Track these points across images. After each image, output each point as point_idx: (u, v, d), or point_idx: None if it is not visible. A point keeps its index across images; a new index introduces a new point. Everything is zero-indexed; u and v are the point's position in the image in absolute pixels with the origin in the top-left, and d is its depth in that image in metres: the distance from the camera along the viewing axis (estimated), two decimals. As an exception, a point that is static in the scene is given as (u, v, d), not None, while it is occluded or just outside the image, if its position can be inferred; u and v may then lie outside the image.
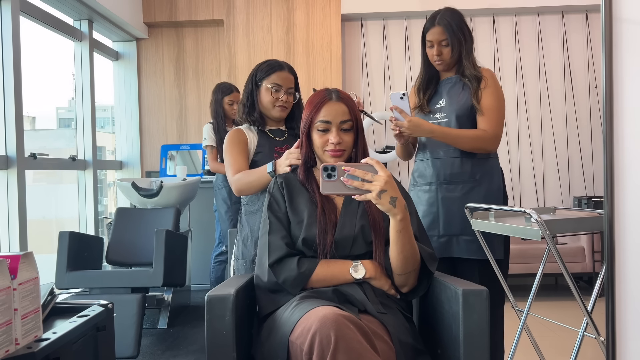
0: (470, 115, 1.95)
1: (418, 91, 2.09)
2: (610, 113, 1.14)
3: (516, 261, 4.07)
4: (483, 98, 1.93)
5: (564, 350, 2.72)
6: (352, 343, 1.01)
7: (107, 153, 4.66)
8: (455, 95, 1.98)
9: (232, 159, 1.85)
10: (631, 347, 0.99)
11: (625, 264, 0.99)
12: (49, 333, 0.99)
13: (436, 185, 1.98)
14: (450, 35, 1.93)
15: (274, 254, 1.35)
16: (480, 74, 1.95)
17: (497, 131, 1.95)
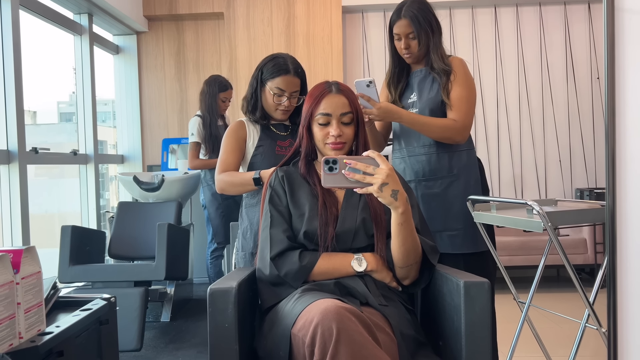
0: (442, 109, 1.92)
1: (389, 85, 2.05)
2: (612, 104, 1.14)
3: (517, 253, 4.07)
4: (452, 90, 1.89)
5: (566, 342, 2.73)
6: (354, 335, 1.01)
7: (109, 147, 4.66)
8: (426, 90, 1.95)
9: (224, 155, 1.86)
10: (632, 338, 0.99)
11: (627, 255, 0.99)
12: (52, 327, 1.00)
13: (415, 183, 1.96)
14: (416, 28, 1.88)
15: (275, 248, 1.35)
16: (449, 67, 1.90)
17: (467, 121, 1.91)
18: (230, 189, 1.82)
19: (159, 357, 2.60)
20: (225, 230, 3.36)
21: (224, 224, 3.33)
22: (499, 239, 4.06)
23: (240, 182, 1.78)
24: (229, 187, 1.81)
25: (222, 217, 3.33)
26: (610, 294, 1.02)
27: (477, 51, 4.39)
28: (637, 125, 1.06)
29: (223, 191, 1.83)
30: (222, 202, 3.30)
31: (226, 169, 1.84)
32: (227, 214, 3.32)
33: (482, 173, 2.08)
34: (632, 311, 0.99)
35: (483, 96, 4.38)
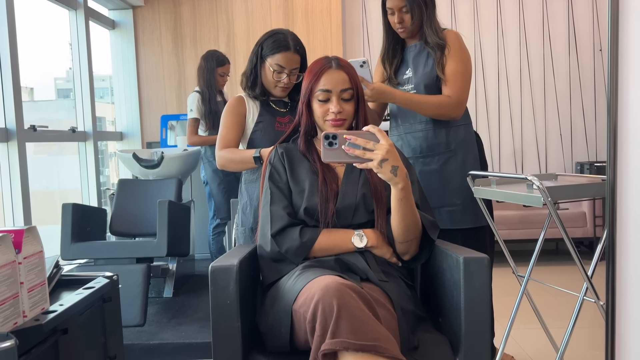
0: (437, 84, 1.90)
1: (383, 62, 2.03)
2: (615, 76, 1.12)
3: (517, 227, 4.09)
4: (447, 65, 1.86)
5: (564, 314, 2.76)
6: (355, 311, 1.02)
7: (107, 124, 4.64)
8: (421, 65, 1.93)
9: (224, 131, 1.85)
10: (630, 311, 1.00)
11: (626, 229, 1.00)
12: (55, 305, 1.01)
13: (413, 160, 1.96)
14: (409, 1, 1.84)
15: (276, 224, 1.36)
16: (443, 41, 1.87)
17: (461, 97, 1.89)
18: (231, 166, 1.82)
19: (162, 332, 2.63)
20: (228, 206, 3.37)
21: (226, 199, 3.34)
22: (499, 213, 4.07)
23: (241, 159, 1.78)
24: (229, 163, 1.81)
25: (224, 193, 3.34)
26: (609, 267, 1.03)
27: (478, 22, 4.33)
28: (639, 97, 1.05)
29: (224, 167, 1.84)
30: (224, 178, 3.30)
31: (226, 145, 1.83)
32: (229, 190, 3.33)
33: (480, 148, 2.08)
34: (630, 284, 1.00)
35: (484, 68, 4.34)
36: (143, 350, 2.49)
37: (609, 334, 1.01)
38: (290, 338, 1.19)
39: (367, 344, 0.99)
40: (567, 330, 1.76)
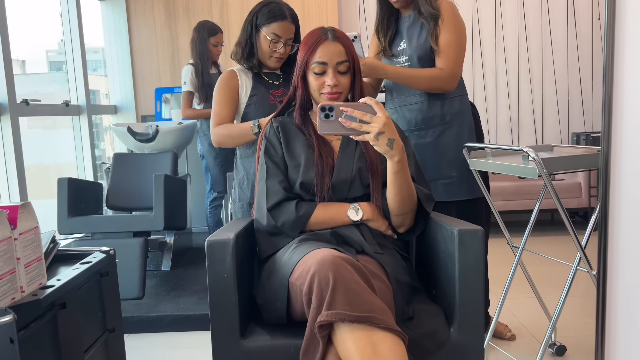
0: (431, 55, 1.87)
1: (378, 33, 1.99)
2: (611, 47, 1.11)
3: (512, 198, 4.12)
4: (441, 35, 1.83)
5: (557, 284, 2.80)
6: (350, 283, 1.04)
7: (101, 97, 4.59)
8: (415, 36, 1.90)
9: (218, 108, 1.82)
10: (621, 280, 1.02)
11: (619, 200, 1.00)
12: (53, 280, 1.01)
13: (408, 133, 1.95)
14: None
15: (272, 199, 1.36)
16: (437, 11, 1.83)
17: (455, 69, 1.85)
18: (229, 142, 1.79)
19: (161, 304, 2.66)
20: (224, 179, 3.37)
21: (223, 173, 3.34)
22: (494, 184, 4.09)
23: (239, 133, 1.76)
24: (227, 140, 1.79)
25: (220, 167, 3.33)
26: (601, 237, 1.04)
27: (476, -8, 4.26)
28: (635, 70, 1.04)
29: (221, 145, 1.80)
30: (220, 151, 3.29)
31: (221, 122, 1.81)
32: (226, 163, 3.32)
33: (476, 119, 2.07)
34: (622, 254, 1.01)
35: (481, 38, 4.29)
36: (142, 322, 2.52)
37: (600, 302, 1.03)
38: (287, 310, 1.21)
39: (362, 315, 1.00)
40: (560, 299, 1.79)
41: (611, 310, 1.04)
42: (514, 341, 2.26)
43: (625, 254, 1.01)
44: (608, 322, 1.05)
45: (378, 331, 1.02)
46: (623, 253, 1.01)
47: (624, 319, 1.01)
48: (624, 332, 1.01)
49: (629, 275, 1.00)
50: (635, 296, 0.98)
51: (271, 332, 1.22)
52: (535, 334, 2.33)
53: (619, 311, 1.02)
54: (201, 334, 2.48)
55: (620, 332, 1.01)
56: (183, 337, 2.47)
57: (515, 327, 2.39)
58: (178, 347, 2.36)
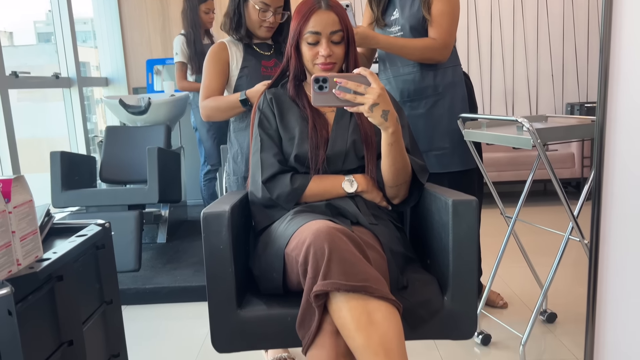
0: (424, 25, 1.85)
1: (370, 3, 1.96)
2: (609, 14, 1.10)
3: (506, 168, 4.13)
4: (433, 5, 1.80)
5: (549, 253, 2.84)
6: (345, 254, 1.05)
7: (92, 69, 4.52)
8: (407, 5, 1.87)
9: (207, 80, 1.79)
10: (613, 249, 1.03)
11: (613, 170, 1.01)
12: (49, 253, 1.02)
13: (400, 104, 1.94)
14: None
15: (266, 171, 1.36)
16: None
17: (447, 39, 1.84)
18: (217, 115, 1.77)
19: (157, 276, 2.69)
20: (217, 152, 3.35)
21: (216, 145, 3.32)
22: (488, 155, 4.10)
23: (227, 105, 1.74)
24: (215, 113, 1.76)
25: (213, 140, 3.31)
26: (594, 206, 1.05)
27: (472, -41, 4.18)
28: (633, 39, 1.04)
29: (210, 118, 1.78)
30: (213, 124, 3.26)
31: (210, 95, 1.78)
32: (219, 136, 3.30)
33: (470, 89, 2.06)
34: (615, 224, 1.02)
35: (476, 7, 4.23)
36: (139, 294, 2.55)
37: (592, 270, 1.05)
38: (283, 280, 1.22)
39: (357, 285, 1.02)
40: (552, 268, 1.82)
41: (603, 278, 1.06)
42: (505, 309, 2.30)
43: (618, 223, 1.02)
44: (599, 290, 1.07)
45: (373, 300, 1.03)
46: (616, 222, 1.02)
47: (616, 287, 1.03)
48: (615, 299, 1.03)
49: (621, 243, 1.01)
50: (626, 264, 0.99)
51: (267, 302, 1.23)
52: (527, 302, 2.37)
53: (611, 279, 1.04)
54: (198, 305, 2.51)
55: (611, 300, 1.03)
56: (180, 308, 2.50)
57: (507, 296, 2.43)
58: (175, 318, 2.39)
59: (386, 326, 1.02)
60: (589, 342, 1.06)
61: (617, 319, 1.02)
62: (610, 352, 1.04)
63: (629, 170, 0.96)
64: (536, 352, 1.94)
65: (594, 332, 1.06)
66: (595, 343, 1.06)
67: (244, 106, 1.71)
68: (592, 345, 1.06)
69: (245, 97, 1.69)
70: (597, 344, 1.06)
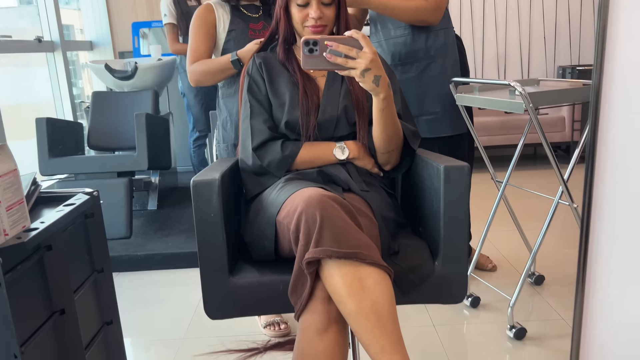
0: None
1: None
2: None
3: (497, 132, 4.13)
4: None
5: (538, 217, 2.87)
6: (337, 221, 1.04)
7: (76, 32, 4.40)
8: None
9: (194, 44, 1.73)
10: (605, 213, 1.04)
11: (607, 133, 1.00)
12: (37, 223, 1.00)
13: (392, 68, 1.91)
14: None
15: (257, 138, 1.34)
16: None
17: (439, 1, 1.81)
18: (207, 79, 1.72)
19: (149, 243, 2.69)
20: (206, 117, 3.31)
21: (204, 111, 3.28)
22: (479, 119, 4.09)
23: (217, 68, 1.70)
24: (205, 77, 1.72)
25: (201, 105, 3.26)
26: (588, 170, 1.05)
27: None
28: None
29: (199, 83, 1.73)
30: (201, 89, 3.21)
31: (198, 59, 1.73)
32: (207, 101, 3.25)
33: (462, 52, 2.03)
34: (607, 187, 1.03)
35: (470, -32, 4.14)
36: (131, 261, 2.55)
37: (584, 234, 1.05)
38: (275, 247, 1.22)
39: (349, 252, 1.02)
40: (541, 232, 1.84)
41: (594, 241, 1.07)
42: (494, 272, 2.34)
43: (610, 187, 1.02)
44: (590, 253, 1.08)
45: (364, 266, 1.03)
46: (608, 186, 1.03)
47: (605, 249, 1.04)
48: (606, 263, 1.04)
49: (613, 207, 1.02)
50: (618, 228, 1.00)
51: (260, 269, 1.23)
52: (515, 264, 2.41)
53: (602, 243, 1.05)
54: (191, 271, 2.53)
55: (602, 263, 1.04)
56: (173, 275, 2.51)
57: (496, 259, 2.46)
58: (168, 285, 2.40)
59: (377, 292, 1.03)
60: (579, 305, 1.08)
61: (607, 281, 1.04)
62: (599, 314, 1.06)
63: (624, 134, 0.96)
64: (524, 314, 1.98)
65: (583, 296, 1.07)
66: (584, 306, 1.08)
67: (236, 67, 1.67)
68: (581, 307, 1.08)
69: (236, 58, 1.65)
70: (587, 306, 1.08)
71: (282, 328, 1.90)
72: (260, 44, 1.50)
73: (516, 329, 1.80)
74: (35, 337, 0.94)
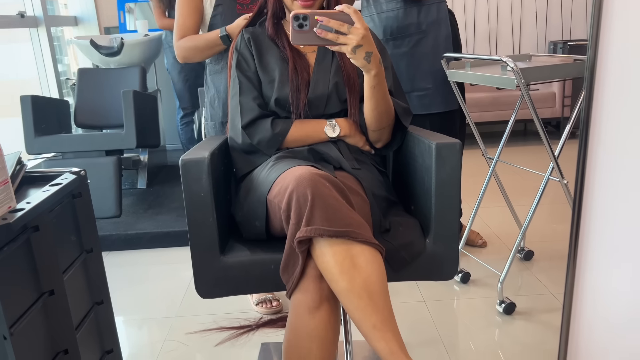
0: None
1: None
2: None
3: (488, 109, 4.12)
4: None
5: (528, 193, 2.89)
6: (328, 199, 1.03)
7: (60, 7, 4.29)
8: None
9: (180, 19, 1.69)
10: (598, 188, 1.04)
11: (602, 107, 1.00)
12: (22, 203, 0.98)
13: (383, 43, 1.89)
14: None
15: (246, 116, 1.32)
16: None
17: None
18: (195, 55, 1.69)
19: (139, 222, 2.67)
20: (189, 94, 3.25)
21: (188, 88, 3.22)
22: (471, 95, 4.07)
23: (206, 44, 1.66)
24: (193, 53, 1.69)
25: (185, 82, 3.20)
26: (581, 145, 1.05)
27: None
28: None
29: (187, 59, 1.70)
30: (185, 65, 3.15)
31: (185, 34, 1.69)
32: (192, 77, 3.19)
33: (454, 27, 2.01)
34: (599, 163, 1.03)
35: (462, -59, 4.07)
36: (121, 240, 2.54)
37: (576, 208, 1.05)
38: (266, 226, 1.21)
39: (340, 230, 1.01)
40: (531, 208, 1.85)
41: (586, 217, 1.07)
42: (485, 248, 2.36)
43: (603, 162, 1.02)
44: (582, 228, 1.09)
45: (356, 244, 1.03)
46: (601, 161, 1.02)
47: (597, 224, 1.04)
48: (596, 238, 1.04)
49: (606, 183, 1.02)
50: (608, 202, 1.00)
51: (251, 248, 1.23)
52: (505, 240, 2.43)
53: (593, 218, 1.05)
54: (182, 250, 2.52)
55: (593, 238, 1.05)
56: (164, 253, 2.50)
57: (487, 235, 2.48)
58: (159, 263, 2.40)
59: (369, 269, 1.03)
60: (569, 281, 1.09)
61: (599, 257, 1.04)
62: (589, 290, 1.07)
63: (619, 110, 0.95)
64: (513, 289, 2.00)
65: (574, 271, 1.08)
66: (575, 281, 1.09)
67: (225, 43, 1.63)
68: (572, 283, 1.09)
69: (225, 34, 1.62)
70: (577, 282, 1.09)
71: (274, 305, 1.91)
72: (249, 19, 1.47)
73: (506, 304, 1.83)
74: (25, 318, 0.93)
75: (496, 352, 1.63)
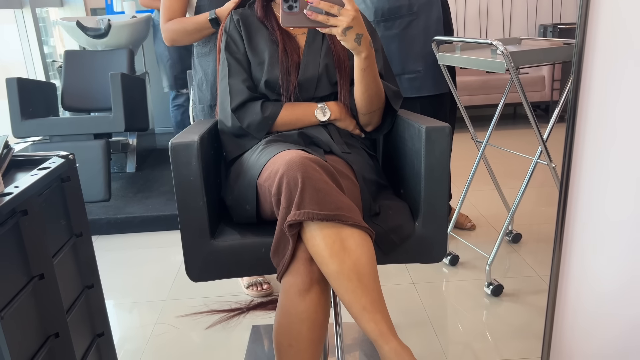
0: None
1: None
2: None
3: (477, 92, 4.13)
4: None
5: (517, 176, 2.91)
6: (319, 184, 1.04)
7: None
8: None
9: (167, 1, 1.66)
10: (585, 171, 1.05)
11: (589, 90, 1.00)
12: (10, 187, 0.98)
13: (374, 25, 1.88)
14: None
15: (236, 99, 1.31)
16: None
17: None
18: (184, 38, 1.67)
19: (128, 206, 2.66)
20: (172, 75, 3.19)
21: (170, 67, 3.16)
22: (461, 79, 4.07)
23: (195, 27, 1.64)
24: (181, 36, 1.66)
25: (167, 60, 3.15)
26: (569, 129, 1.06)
27: None
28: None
29: (174, 42, 1.68)
30: (169, 46, 3.09)
31: (173, 17, 1.67)
32: (175, 57, 3.13)
33: (445, 10, 2.00)
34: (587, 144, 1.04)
35: None
36: (111, 224, 2.53)
37: (563, 192, 1.07)
38: (256, 210, 1.21)
39: (330, 214, 1.02)
40: (520, 191, 1.87)
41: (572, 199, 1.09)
42: (473, 231, 2.38)
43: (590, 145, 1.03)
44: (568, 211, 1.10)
45: (346, 228, 1.04)
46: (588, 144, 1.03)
47: (584, 207, 1.06)
48: (582, 220, 1.06)
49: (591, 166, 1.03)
50: (594, 186, 1.02)
51: (241, 231, 1.23)
52: (494, 223, 2.45)
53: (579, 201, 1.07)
54: (172, 233, 2.52)
55: (579, 221, 1.06)
56: (154, 237, 2.50)
57: (475, 218, 2.50)
58: (149, 247, 2.40)
59: (359, 252, 1.04)
60: (555, 263, 1.11)
61: (584, 239, 1.06)
62: (575, 272, 1.09)
63: (606, 94, 0.96)
64: (501, 271, 2.03)
65: (560, 253, 1.10)
66: (561, 263, 1.10)
67: (214, 27, 1.61)
68: (558, 265, 1.11)
69: (215, 16, 1.60)
70: (563, 264, 1.10)
71: (264, 288, 1.93)
72: (238, 1, 1.45)
73: (493, 286, 1.85)
74: (15, 303, 0.93)
75: (484, 333, 1.66)
